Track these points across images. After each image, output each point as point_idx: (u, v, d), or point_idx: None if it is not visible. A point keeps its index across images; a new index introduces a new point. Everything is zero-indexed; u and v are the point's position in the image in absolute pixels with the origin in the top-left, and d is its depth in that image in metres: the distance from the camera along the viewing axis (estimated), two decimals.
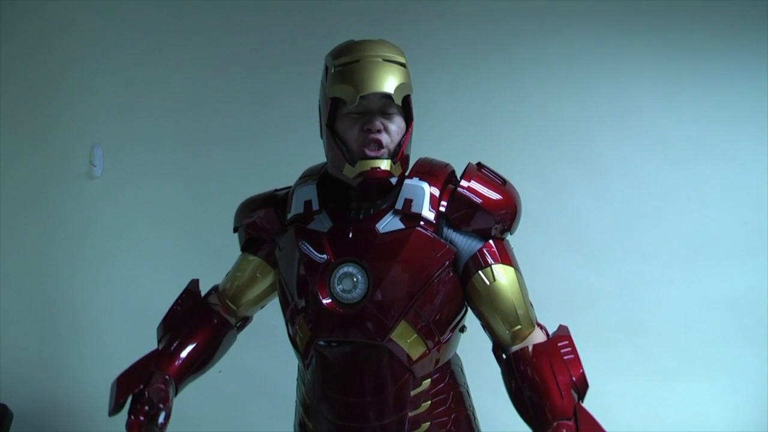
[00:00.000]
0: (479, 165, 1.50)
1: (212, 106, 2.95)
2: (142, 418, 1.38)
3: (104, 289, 3.03)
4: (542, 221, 2.63)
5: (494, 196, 1.43)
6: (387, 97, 1.33)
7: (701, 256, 2.61)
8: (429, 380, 1.44)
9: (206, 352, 1.59)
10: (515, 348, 1.41)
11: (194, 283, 1.72)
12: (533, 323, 1.44)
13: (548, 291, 2.49)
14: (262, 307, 1.70)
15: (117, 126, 3.02)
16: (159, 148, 2.98)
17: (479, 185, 1.43)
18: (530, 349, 1.38)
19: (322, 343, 1.42)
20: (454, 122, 2.75)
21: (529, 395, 1.34)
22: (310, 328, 1.42)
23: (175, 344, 1.55)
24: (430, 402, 1.45)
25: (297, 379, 1.59)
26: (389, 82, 1.32)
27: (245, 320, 1.73)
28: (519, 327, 1.41)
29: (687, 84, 2.64)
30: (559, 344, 1.39)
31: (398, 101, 1.34)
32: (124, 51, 3.01)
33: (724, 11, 2.60)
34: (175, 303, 1.66)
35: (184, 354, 1.54)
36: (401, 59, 1.38)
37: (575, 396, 1.32)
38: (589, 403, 1.35)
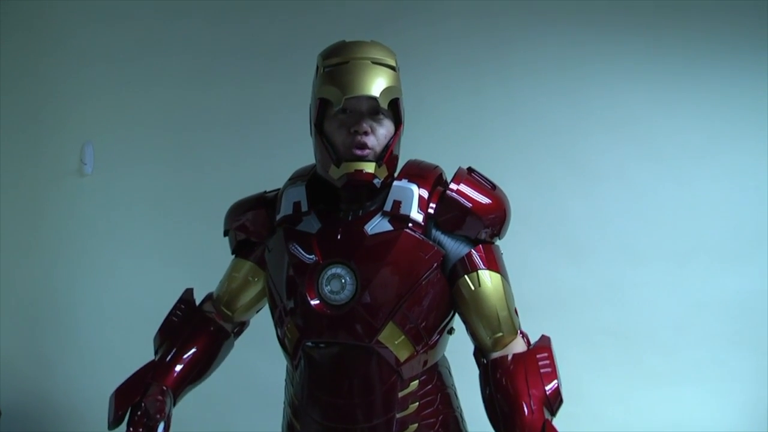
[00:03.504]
0: (469, 169, 1.49)
1: (203, 107, 2.95)
2: (140, 429, 1.39)
3: (95, 287, 3.02)
4: (535, 225, 2.64)
5: (483, 200, 1.43)
6: (373, 99, 1.33)
7: (692, 260, 2.62)
8: (417, 382, 1.44)
9: (203, 361, 1.59)
10: (495, 355, 1.41)
11: (189, 292, 1.72)
12: (516, 331, 1.44)
13: (539, 294, 2.52)
14: (257, 312, 1.70)
15: (108, 124, 3.02)
16: (149, 146, 2.99)
17: (469, 189, 1.43)
18: (509, 358, 1.38)
19: (310, 344, 1.42)
20: (447, 127, 2.75)
21: (501, 405, 1.34)
22: (298, 330, 1.42)
23: (171, 355, 1.55)
24: (417, 403, 1.44)
25: (285, 380, 1.58)
26: (376, 85, 1.32)
27: (241, 326, 1.72)
28: (500, 334, 1.41)
29: (680, 90, 2.64)
30: (537, 356, 1.39)
31: (384, 105, 1.34)
32: (116, 51, 3.01)
33: (721, 19, 2.60)
34: (171, 313, 1.66)
35: (180, 364, 1.54)
36: (391, 62, 1.37)
37: (547, 412, 1.32)
38: (579, 406, 1.36)
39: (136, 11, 2.99)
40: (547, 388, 1.33)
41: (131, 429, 1.39)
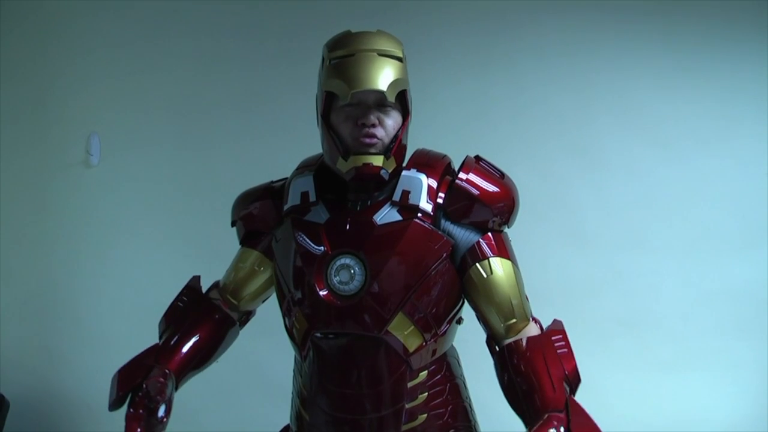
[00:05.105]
0: (477, 158, 1.49)
1: (209, 97, 2.94)
2: (141, 411, 1.38)
3: (101, 278, 3.02)
4: (541, 213, 2.63)
5: (492, 188, 1.43)
6: (381, 92, 1.31)
7: (699, 248, 2.61)
8: (426, 372, 1.44)
9: (207, 347, 1.59)
10: (509, 341, 1.41)
11: (195, 279, 1.72)
12: (528, 317, 1.44)
13: (547, 282, 2.52)
14: (263, 301, 1.70)
15: (114, 115, 3.01)
16: (156, 137, 2.98)
17: (477, 178, 1.43)
18: (524, 342, 1.38)
19: (318, 335, 1.41)
20: (453, 114, 2.74)
21: (522, 388, 1.33)
22: (306, 320, 1.42)
23: (175, 339, 1.55)
24: (426, 394, 1.45)
25: (294, 371, 1.58)
26: (383, 79, 1.31)
27: (247, 315, 1.73)
28: (514, 320, 1.41)
29: (687, 77, 2.63)
30: (552, 338, 1.39)
31: (392, 98, 1.33)
32: (121, 40, 2.99)
33: (725, 6, 2.59)
34: (176, 299, 1.65)
35: (184, 349, 1.53)
36: (398, 53, 1.36)
37: (567, 390, 1.32)
38: (587, 395, 1.35)
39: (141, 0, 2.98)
40: (566, 367, 1.33)
41: (132, 410, 1.38)
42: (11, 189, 3.11)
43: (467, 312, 1.50)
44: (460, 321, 1.52)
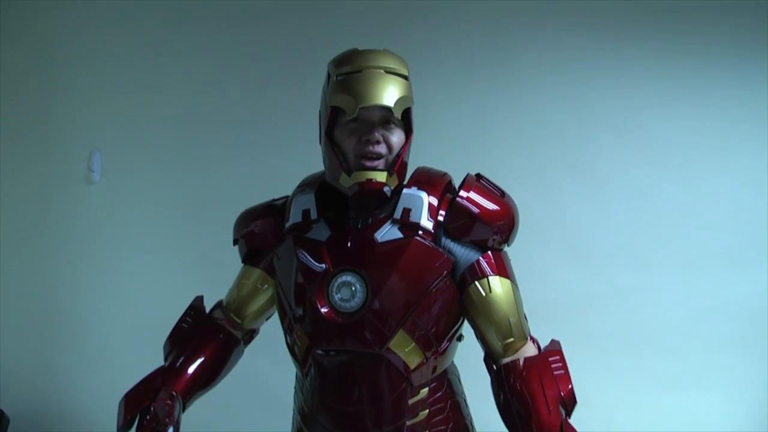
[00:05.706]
0: (478, 176, 1.50)
1: (212, 113, 2.95)
2: None
3: (102, 295, 3.03)
4: (541, 230, 2.63)
5: (492, 207, 1.43)
6: (387, 109, 1.33)
7: (699, 265, 2.61)
8: (427, 389, 1.44)
9: (212, 367, 1.59)
10: (506, 360, 1.42)
11: (199, 300, 1.72)
12: (526, 336, 1.44)
13: (547, 299, 2.51)
14: (267, 319, 1.70)
15: (116, 132, 3.03)
16: (158, 154, 2.99)
17: (478, 196, 1.43)
18: (521, 362, 1.39)
19: (320, 352, 1.42)
20: (453, 131, 2.75)
21: (517, 408, 1.34)
22: (308, 337, 1.42)
23: (180, 360, 1.55)
24: (428, 411, 1.45)
25: (295, 387, 1.59)
26: (390, 95, 1.32)
27: (251, 333, 1.73)
28: (511, 339, 1.42)
29: (686, 95, 2.63)
30: (550, 359, 1.39)
31: (398, 114, 1.34)
32: (124, 57, 3.02)
33: (723, 22, 2.60)
34: (181, 320, 1.66)
35: (190, 370, 1.54)
36: (404, 71, 1.38)
37: (563, 412, 1.32)
38: (587, 411, 1.36)
39: (144, 17, 3.00)
40: (562, 389, 1.34)
41: None
42: (13, 205, 3.13)
43: (468, 329, 1.50)
44: (460, 338, 1.52)
